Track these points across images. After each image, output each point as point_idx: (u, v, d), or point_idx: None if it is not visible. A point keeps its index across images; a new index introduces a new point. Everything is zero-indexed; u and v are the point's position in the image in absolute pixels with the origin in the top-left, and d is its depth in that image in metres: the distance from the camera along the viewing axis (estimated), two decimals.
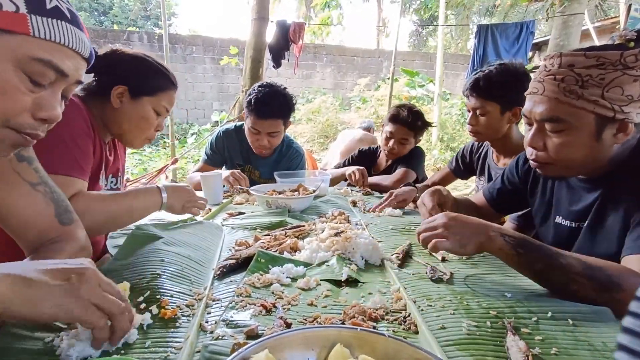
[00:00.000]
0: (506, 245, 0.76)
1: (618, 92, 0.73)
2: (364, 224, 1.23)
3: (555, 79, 0.78)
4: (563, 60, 0.78)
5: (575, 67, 0.76)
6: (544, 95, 0.80)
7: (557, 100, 0.78)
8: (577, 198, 0.91)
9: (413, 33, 16.49)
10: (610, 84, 0.73)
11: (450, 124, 7.99)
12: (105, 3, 17.28)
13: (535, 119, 0.83)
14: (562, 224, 0.95)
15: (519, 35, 5.49)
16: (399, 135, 1.91)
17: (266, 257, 0.88)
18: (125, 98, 1.05)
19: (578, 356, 0.56)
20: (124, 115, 1.06)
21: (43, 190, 0.73)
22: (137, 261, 0.82)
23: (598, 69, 0.74)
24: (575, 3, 4.99)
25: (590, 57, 0.74)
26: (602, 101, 0.74)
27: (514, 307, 0.68)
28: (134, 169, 6.11)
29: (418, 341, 0.60)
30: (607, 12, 9.43)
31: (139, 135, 1.11)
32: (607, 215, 0.83)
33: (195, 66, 8.46)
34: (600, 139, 0.77)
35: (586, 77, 0.74)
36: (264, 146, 1.71)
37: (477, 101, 1.43)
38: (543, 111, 0.81)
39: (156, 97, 1.08)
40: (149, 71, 1.08)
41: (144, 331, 0.59)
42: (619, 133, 0.77)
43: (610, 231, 0.81)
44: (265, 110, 1.64)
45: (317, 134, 7.91)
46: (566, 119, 0.78)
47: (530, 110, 0.84)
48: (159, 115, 1.11)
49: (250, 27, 4.46)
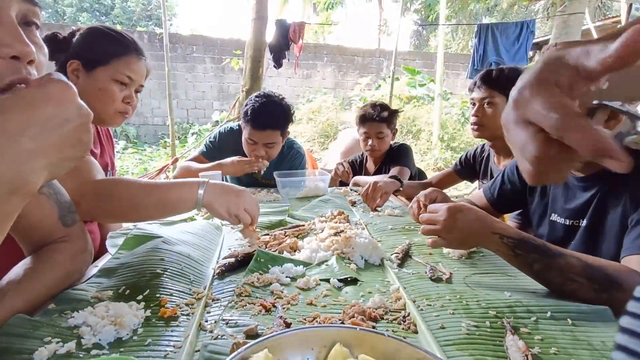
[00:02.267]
0: (504, 246, 0.76)
1: None
2: (364, 223, 1.24)
3: None
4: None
5: None
6: None
7: None
8: (572, 196, 0.92)
9: (414, 33, 16.47)
10: None
11: (451, 123, 7.98)
12: (106, 4, 17.29)
13: None
14: (557, 221, 0.96)
15: (519, 35, 5.48)
16: (373, 130, 1.95)
17: (266, 256, 0.88)
18: (81, 73, 1.00)
19: (577, 356, 0.56)
20: (83, 92, 0.99)
21: (47, 192, 0.73)
22: (136, 260, 0.82)
23: None
24: (575, 2, 4.98)
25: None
26: None
27: (513, 306, 0.68)
28: (134, 169, 6.11)
29: (417, 341, 0.60)
30: (607, 12, 9.41)
31: (104, 110, 1.03)
32: (606, 215, 0.83)
33: (195, 66, 8.46)
34: None
35: None
36: (262, 157, 1.67)
37: (486, 91, 1.46)
38: None
39: (112, 65, 1.01)
40: (99, 40, 1.03)
41: (144, 330, 0.59)
42: (611, 120, 0.77)
43: (610, 231, 0.81)
44: (262, 121, 1.60)
45: (317, 134, 7.90)
46: None
47: None
48: (124, 85, 1.04)
49: (250, 27, 4.46)
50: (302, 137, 7.82)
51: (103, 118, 1.05)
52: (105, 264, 0.82)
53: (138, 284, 0.72)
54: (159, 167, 4.21)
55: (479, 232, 0.78)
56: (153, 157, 7.04)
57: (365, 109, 1.98)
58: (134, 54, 1.06)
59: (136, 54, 1.07)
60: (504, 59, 5.32)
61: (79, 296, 0.68)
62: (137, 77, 1.08)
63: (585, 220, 0.88)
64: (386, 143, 1.99)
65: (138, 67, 1.07)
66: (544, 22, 9.63)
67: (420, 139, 7.75)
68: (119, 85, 1.03)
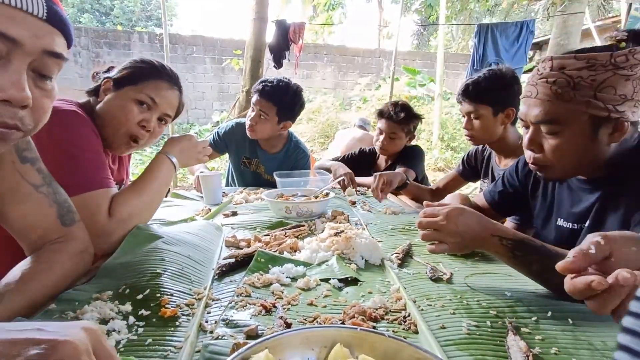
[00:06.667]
0: (503, 248, 0.76)
1: (610, 91, 0.74)
2: (364, 223, 1.23)
3: (548, 82, 0.79)
4: (554, 64, 0.79)
5: (566, 69, 0.77)
6: (537, 98, 0.82)
7: (550, 103, 0.79)
8: (577, 199, 0.91)
9: (415, 33, 16.47)
10: (602, 84, 0.74)
11: (451, 123, 7.98)
12: (106, 4, 17.30)
13: (531, 121, 0.85)
14: (563, 225, 0.95)
15: (519, 35, 5.47)
16: (387, 130, 1.93)
17: (266, 256, 0.88)
18: (110, 92, 1.00)
19: (578, 356, 0.55)
20: (107, 109, 0.99)
21: (46, 191, 0.73)
22: (137, 260, 0.82)
23: (589, 71, 0.75)
24: (575, 2, 4.98)
25: (580, 59, 0.76)
26: (594, 102, 0.75)
27: (514, 306, 0.68)
28: (134, 169, 6.11)
29: (418, 341, 0.60)
30: (608, 11, 9.41)
31: (115, 131, 0.99)
32: (607, 216, 0.83)
33: (195, 66, 8.47)
34: (596, 139, 0.78)
35: (577, 79, 0.76)
36: (251, 125, 1.75)
37: (470, 105, 1.47)
38: (538, 114, 0.82)
39: (139, 86, 0.99)
40: (135, 63, 1.03)
41: (144, 330, 0.59)
42: (615, 132, 0.77)
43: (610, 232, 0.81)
44: (262, 89, 1.72)
45: (317, 134, 7.90)
46: (560, 121, 0.79)
47: (526, 113, 0.85)
48: (145, 105, 1.00)
49: (250, 27, 4.46)
50: (302, 137, 7.77)
51: (111, 141, 1.01)
52: (105, 264, 0.82)
53: (138, 284, 0.72)
54: None
55: (479, 234, 0.77)
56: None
57: (386, 105, 1.97)
58: (166, 80, 1.04)
59: (169, 81, 1.05)
60: (504, 59, 5.32)
61: (80, 296, 0.68)
62: (162, 103, 1.02)
63: (587, 222, 0.88)
64: (397, 145, 1.96)
65: (167, 93, 1.04)
66: (544, 22, 9.63)
67: (421, 138, 7.74)
68: (139, 105, 0.99)
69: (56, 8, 0.53)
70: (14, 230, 0.71)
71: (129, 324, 0.60)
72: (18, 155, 0.69)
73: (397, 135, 1.92)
